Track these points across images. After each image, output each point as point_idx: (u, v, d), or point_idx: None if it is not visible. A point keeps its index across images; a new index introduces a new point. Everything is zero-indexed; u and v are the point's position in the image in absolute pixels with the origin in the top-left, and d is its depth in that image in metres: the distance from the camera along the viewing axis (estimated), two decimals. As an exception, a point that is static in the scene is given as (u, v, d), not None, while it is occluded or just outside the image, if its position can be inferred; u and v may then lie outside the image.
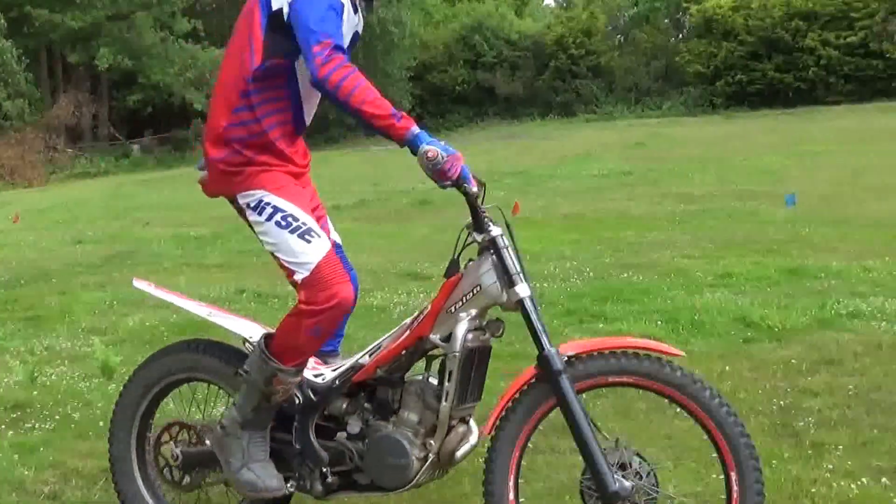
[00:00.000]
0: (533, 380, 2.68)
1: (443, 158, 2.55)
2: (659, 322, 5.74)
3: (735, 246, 8.43)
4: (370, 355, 2.87)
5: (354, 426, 2.84)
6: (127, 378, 3.25)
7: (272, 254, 2.79)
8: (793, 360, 4.87)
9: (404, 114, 2.65)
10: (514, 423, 2.69)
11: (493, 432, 2.71)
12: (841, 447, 3.70)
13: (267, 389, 2.79)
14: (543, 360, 2.63)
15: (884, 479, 3.38)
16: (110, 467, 3.21)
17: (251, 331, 3.03)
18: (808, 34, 32.15)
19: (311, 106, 2.95)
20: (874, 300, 5.98)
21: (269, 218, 2.75)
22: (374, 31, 33.14)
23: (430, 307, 2.78)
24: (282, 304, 6.96)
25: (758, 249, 8.19)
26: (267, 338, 2.82)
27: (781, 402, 4.26)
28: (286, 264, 2.74)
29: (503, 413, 2.69)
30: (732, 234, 9.15)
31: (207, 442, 3.06)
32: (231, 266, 8.94)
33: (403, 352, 2.81)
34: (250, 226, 2.85)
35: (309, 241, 2.72)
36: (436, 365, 2.82)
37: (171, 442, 3.12)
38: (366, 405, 2.86)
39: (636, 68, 36.24)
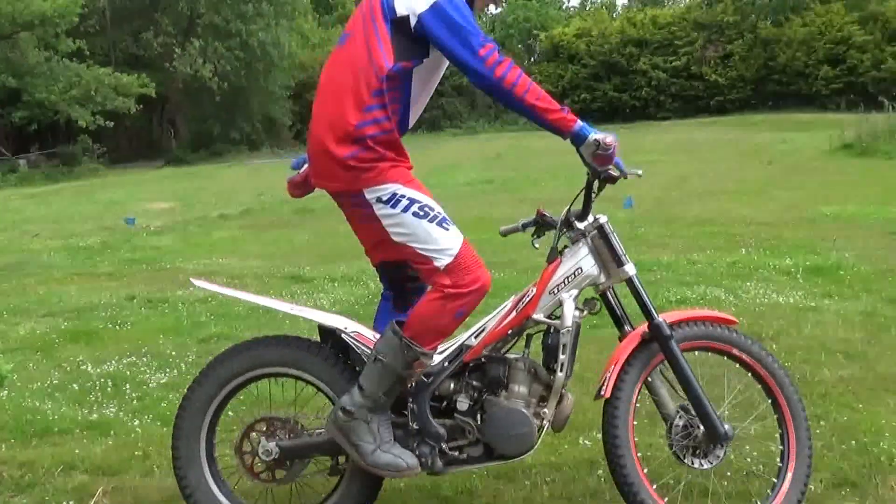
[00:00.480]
0: (639, 344, 2.86)
1: (614, 145, 2.69)
2: (517, 313, 5.85)
3: None
4: (476, 337, 2.89)
5: (463, 403, 2.83)
6: (191, 380, 2.97)
7: (405, 244, 2.71)
8: (631, 343, 5.04)
9: (569, 108, 2.70)
10: (630, 382, 2.85)
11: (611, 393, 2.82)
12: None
13: (406, 373, 2.71)
14: (655, 328, 2.83)
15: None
16: (177, 471, 2.93)
17: (341, 322, 2.91)
18: (640, 59, 33.44)
19: (416, 110, 2.88)
20: (697, 288, 6.23)
21: (406, 209, 2.67)
22: (254, 52, 32.42)
23: (535, 290, 2.87)
24: (171, 308, 6.79)
25: None
26: (398, 325, 2.73)
27: (622, 379, 4.42)
28: (424, 252, 2.68)
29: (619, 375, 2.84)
30: (579, 234, 9.34)
31: (302, 433, 2.93)
32: (121, 274, 8.61)
33: (510, 331, 2.88)
34: (375, 219, 2.73)
35: (447, 229, 2.71)
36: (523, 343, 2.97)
37: (263, 438, 2.90)
38: (473, 382, 2.85)
39: (494, 88, 36.88)
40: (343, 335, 2.90)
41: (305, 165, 2.96)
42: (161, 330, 6.06)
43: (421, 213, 2.69)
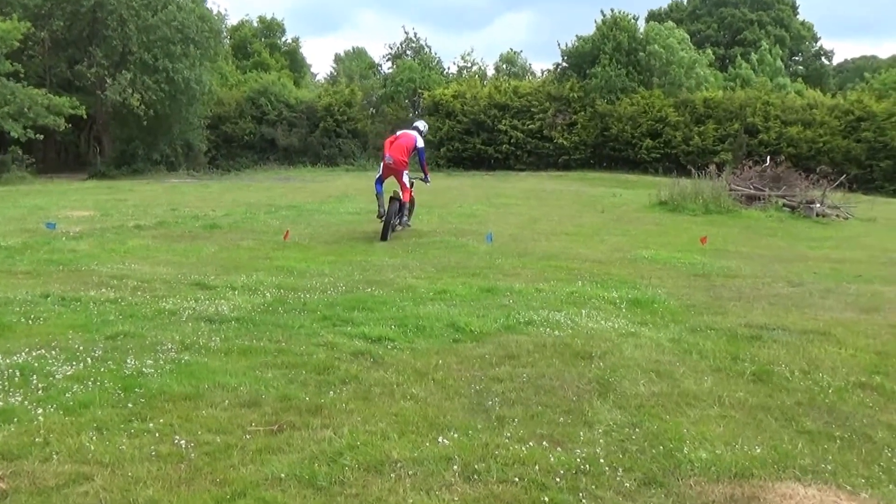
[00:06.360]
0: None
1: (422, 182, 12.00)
2: (392, 326, 5.69)
3: (450, 270, 8.52)
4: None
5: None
6: None
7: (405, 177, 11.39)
8: (486, 356, 4.95)
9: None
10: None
11: None
12: (517, 419, 3.84)
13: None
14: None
15: (545, 443, 3.54)
16: None
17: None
18: (502, 120, 34.17)
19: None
20: (542, 312, 6.20)
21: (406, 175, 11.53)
22: (179, 86, 31.18)
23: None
24: (83, 306, 6.30)
25: (465, 273, 8.28)
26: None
27: (477, 387, 4.35)
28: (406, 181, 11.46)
29: None
30: (448, 261, 9.23)
31: None
32: (38, 273, 7.94)
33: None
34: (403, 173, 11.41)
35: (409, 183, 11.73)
36: None
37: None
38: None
39: (384, 133, 36.78)
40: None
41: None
42: (71, 326, 5.60)
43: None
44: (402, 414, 3.90)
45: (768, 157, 22.12)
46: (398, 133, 11.99)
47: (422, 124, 12.57)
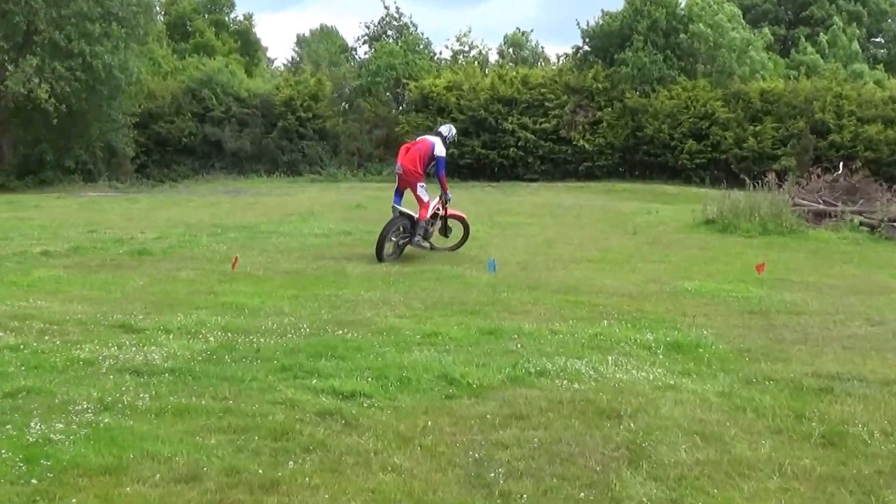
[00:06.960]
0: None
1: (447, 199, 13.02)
2: (370, 378, 5.68)
3: (442, 306, 8.53)
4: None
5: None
6: None
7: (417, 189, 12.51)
8: (488, 416, 4.97)
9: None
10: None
11: None
12: (526, 496, 3.84)
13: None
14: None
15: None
16: None
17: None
18: (508, 118, 34.28)
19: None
20: (558, 360, 6.21)
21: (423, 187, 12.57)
22: (98, 75, 31.27)
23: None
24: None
25: (462, 310, 8.29)
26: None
27: (476, 455, 4.36)
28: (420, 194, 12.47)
29: None
30: (440, 295, 9.25)
31: None
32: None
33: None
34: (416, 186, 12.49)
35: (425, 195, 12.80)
36: None
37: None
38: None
39: (359, 134, 36.93)
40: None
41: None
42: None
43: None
44: (381, 490, 3.91)
45: (841, 164, 22.31)
46: (417, 139, 13.18)
47: (446, 128, 13.36)
